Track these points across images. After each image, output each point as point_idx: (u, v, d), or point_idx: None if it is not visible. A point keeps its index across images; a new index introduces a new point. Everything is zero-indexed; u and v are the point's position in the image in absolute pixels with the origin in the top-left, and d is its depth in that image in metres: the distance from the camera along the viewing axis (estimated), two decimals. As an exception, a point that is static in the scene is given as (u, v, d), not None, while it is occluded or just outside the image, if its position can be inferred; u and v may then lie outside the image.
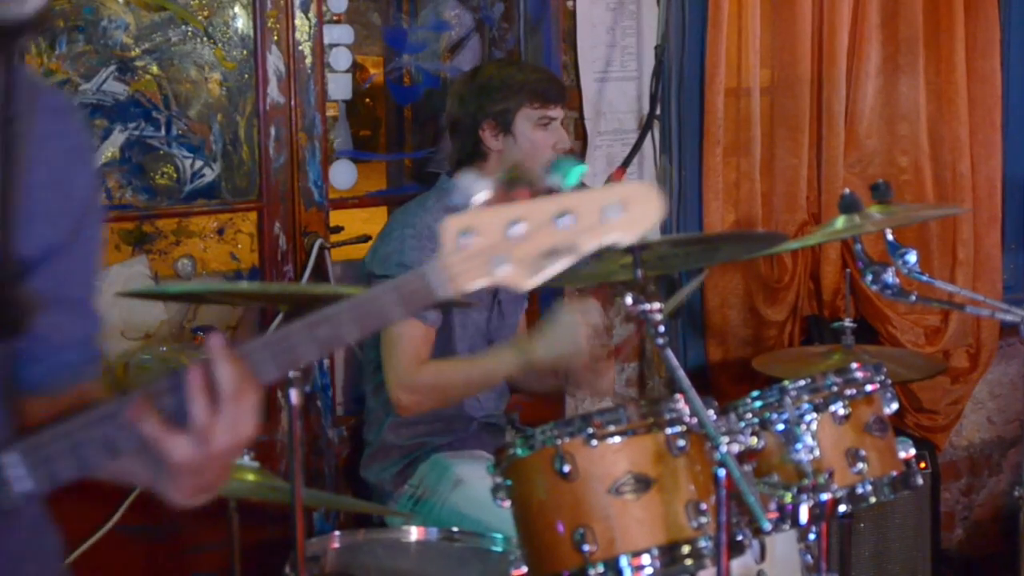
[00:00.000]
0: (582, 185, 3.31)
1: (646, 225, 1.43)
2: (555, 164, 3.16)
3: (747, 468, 2.37)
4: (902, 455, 2.76)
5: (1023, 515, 3.29)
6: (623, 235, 1.42)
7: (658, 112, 3.98)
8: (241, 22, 3.53)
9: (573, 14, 3.92)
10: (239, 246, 3.62)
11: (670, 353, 2.33)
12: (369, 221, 3.70)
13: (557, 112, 3.34)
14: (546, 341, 3.14)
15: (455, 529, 2.91)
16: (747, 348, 4.18)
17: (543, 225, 1.43)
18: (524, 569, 2.40)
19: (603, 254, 2.54)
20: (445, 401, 3.29)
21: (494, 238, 1.43)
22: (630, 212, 1.42)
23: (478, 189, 1.46)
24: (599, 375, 3.27)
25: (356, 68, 3.73)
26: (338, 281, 3.63)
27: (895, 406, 2.78)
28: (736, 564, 2.32)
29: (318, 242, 3.57)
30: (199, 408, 1.45)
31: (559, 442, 2.34)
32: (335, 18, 3.67)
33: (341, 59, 3.66)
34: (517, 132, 3.32)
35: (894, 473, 2.72)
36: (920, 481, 2.78)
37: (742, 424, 2.58)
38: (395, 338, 3.22)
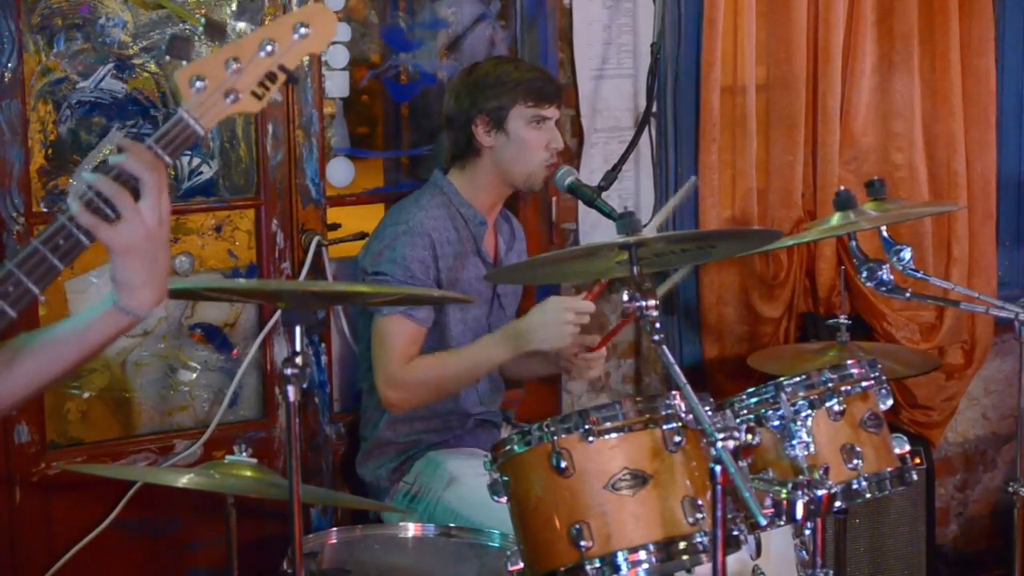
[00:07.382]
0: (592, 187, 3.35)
1: (328, 37, 1.87)
2: None
3: (743, 464, 2.38)
4: (897, 451, 2.77)
5: (1018, 511, 3.30)
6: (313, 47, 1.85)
7: (654, 109, 3.98)
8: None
9: (569, 12, 3.92)
10: (237, 243, 3.62)
11: (666, 350, 2.35)
12: (366, 218, 3.70)
13: (551, 112, 3.35)
14: (528, 324, 3.16)
15: (452, 525, 2.92)
16: (743, 345, 4.19)
17: (252, 57, 1.83)
18: (521, 565, 2.41)
19: (598, 252, 2.55)
20: (435, 395, 3.29)
21: (220, 78, 1.82)
22: (314, 29, 1.85)
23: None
24: (588, 364, 3.30)
25: (353, 66, 3.73)
26: (336, 278, 3.63)
27: (890, 402, 2.79)
28: (732, 560, 2.33)
29: (316, 239, 3.58)
30: (124, 200, 1.77)
31: (556, 438, 2.35)
32: (332, 16, 3.67)
33: (338, 57, 3.66)
34: (510, 130, 3.32)
35: (889, 469, 2.73)
36: (915, 477, 2.79)
37: (738, 420, 2.59)
38: (383, 336, 3.23)
